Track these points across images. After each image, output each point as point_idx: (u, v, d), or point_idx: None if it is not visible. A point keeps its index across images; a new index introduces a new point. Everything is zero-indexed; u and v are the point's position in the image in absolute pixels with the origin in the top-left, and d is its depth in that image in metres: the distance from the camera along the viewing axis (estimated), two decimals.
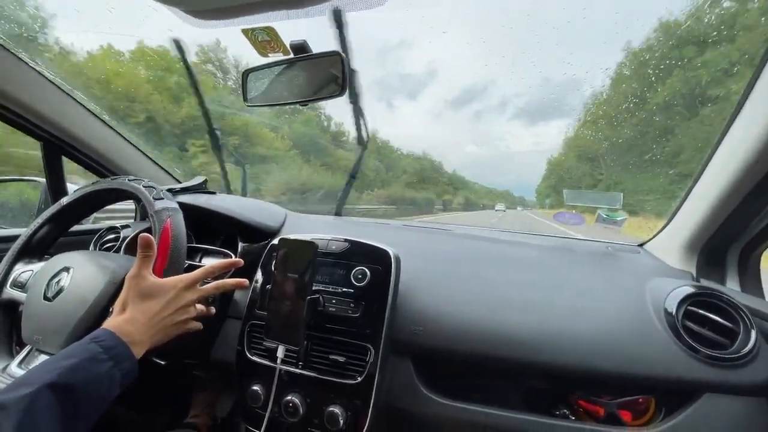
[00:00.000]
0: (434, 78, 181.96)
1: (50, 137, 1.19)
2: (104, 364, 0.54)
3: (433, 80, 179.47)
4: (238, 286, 0.77)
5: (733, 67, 2.09)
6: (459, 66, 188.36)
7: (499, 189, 30.55)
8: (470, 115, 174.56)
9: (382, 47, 42.63)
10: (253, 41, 0.77)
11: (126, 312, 0.63)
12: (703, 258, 0.95)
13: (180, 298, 0.68)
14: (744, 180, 0.75)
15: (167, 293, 0.67)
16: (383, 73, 50.38)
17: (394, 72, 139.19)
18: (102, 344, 0.56)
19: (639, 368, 0.75)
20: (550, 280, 0.95)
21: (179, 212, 0.81)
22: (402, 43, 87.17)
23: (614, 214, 1.18)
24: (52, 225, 0.93)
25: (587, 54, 12.06)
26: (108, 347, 0.56)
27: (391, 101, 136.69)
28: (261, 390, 0.81)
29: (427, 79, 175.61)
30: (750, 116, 0.71)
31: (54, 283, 0.78)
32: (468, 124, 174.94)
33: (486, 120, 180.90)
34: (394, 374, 0.83)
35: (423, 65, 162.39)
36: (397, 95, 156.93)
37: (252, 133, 11.32)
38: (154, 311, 0.65)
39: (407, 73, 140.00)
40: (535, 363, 0.78)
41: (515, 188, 60.05)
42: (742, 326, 0.75)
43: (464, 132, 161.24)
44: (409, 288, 0.89)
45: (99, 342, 0.56)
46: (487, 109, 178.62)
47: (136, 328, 0.61)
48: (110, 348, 0.56)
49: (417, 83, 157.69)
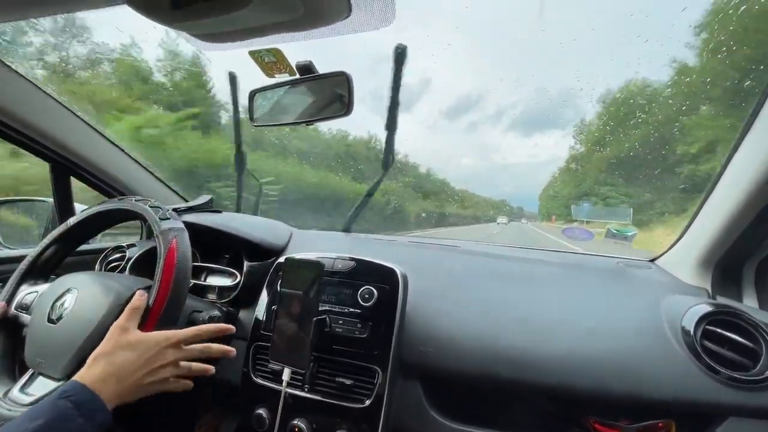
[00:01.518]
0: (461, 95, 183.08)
1: (59, 158, 1.21)
2: (74, 422, 0.52)
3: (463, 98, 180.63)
4: (225, 354, 0.75)
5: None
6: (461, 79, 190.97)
7: (494, 199, 30.53)
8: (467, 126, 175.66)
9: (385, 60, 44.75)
10: (260, 63, 0.78)
11: (99, 364, 0.61)
12: (718, 274, 0.93)
13: (160, 356, 0.66)
14: (759, 193, 0.73)
15: (148, 349, 0.65)
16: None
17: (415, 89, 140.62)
18: (72, 399, 0.53)
19: (656, 390, 0.72)
20: (560, 298, 0.93)
21: (185, 232, 0.81)
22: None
23: (624, 230, 1.16)
24: (59, 246, 0.93)
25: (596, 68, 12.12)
26: (78, 403, 0.54)
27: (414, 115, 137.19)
28: (266, 414, 0.79)
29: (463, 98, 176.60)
30: (764, 128, 0.70)
31: (58, 305, 0.77)
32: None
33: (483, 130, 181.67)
34: (402, 397, 0.80)
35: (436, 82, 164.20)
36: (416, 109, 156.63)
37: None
38: (130, 367, 0.62)
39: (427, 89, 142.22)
40: (546, 384, 0.76)
41: (512, 198, 60.26)
42: (764, 346, 0.72)
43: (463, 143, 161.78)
44: (416, 307, 0.87)
45: (69, 397, 0.54)
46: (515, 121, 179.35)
47: (107, 385, 0.59)
48: (81, 404, 0.54)
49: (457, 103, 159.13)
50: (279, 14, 0.53)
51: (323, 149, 7.96)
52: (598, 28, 16.40)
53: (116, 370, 0.61)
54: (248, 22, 0.54)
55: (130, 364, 0.62)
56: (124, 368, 0.62)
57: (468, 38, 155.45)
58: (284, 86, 0.84)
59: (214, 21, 0.51)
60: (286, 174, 5.73)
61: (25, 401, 0.68)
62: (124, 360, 0.62)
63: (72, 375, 0.69)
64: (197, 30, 0.57)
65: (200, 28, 0.56)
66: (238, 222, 1.09)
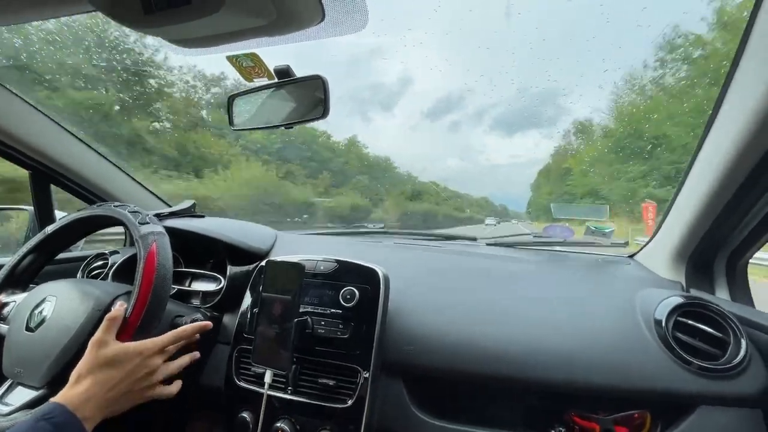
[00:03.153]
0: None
1: (38, 165, 1.19)
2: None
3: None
4: (202, 329, 0.77)
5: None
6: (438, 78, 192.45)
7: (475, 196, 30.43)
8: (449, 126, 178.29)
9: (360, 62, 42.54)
10: (238, 67, 0.78)
11: (82, 383, 0.60)
12: (691, 267, 0.96)
13: (144, 365, 0.66)
14: (722, 189, 0.76)
15: (130, 361, 0.64)
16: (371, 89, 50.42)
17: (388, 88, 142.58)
18: (53, 421, 0.53)
19: (632, 382, 0.74)
20: (541, 295, 0.95)
21: (165, 236, 0.81)
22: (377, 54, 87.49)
23: (602, 226, 1.19)
24: (37, 254, 0.92)
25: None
26: (59, 425, 0.53)
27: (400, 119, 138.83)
28: (249, 417, 0.79)
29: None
30: (724, 127, 0.73)
31: (36, 313, 0.77)
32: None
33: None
34: (385, 396, 0.81)
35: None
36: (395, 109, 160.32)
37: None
38: (114, 381, 0.62)
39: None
40: (527, 380, 0.77)
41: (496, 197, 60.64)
42: (732, 336, 0.75)
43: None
44: (399, 307, 0.88)
45: (49, 419, 0.53)
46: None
47: (91, 403, 0.58)
48: (61, 426, 0.53)
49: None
50: (252, 19, 0.53)
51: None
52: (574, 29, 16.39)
53: (100, 388, 0.60)
54: (221, 27, 0.55)
55: (113, 378, 0.62)
56: (107, 384, 0.61)
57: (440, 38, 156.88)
58: (263, 90, 0.85)
59: (187, 26, 0.51)
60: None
61: (3, 411, 0.66)
62: (107, 377, 0.61)
63: (51, 384, 0.68)
64: (171, 35, 0.58)
65: (174, 34, 0.57)
66: (221, 226, 1.09)
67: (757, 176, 0.71)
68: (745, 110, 0.65)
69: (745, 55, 0.66)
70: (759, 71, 0.62)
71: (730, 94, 0.71)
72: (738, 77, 0.68)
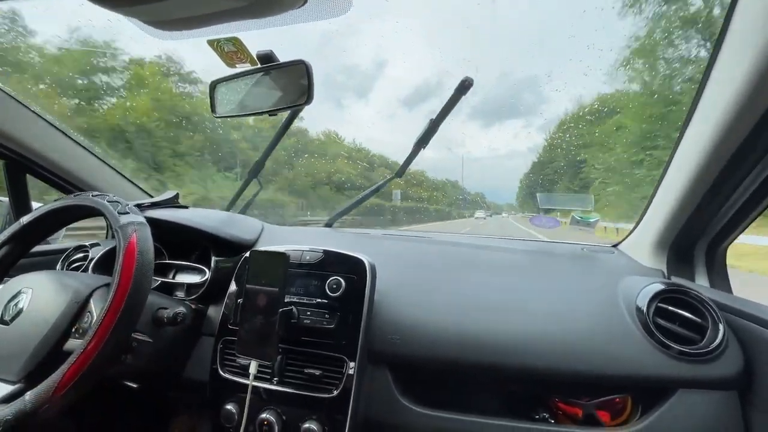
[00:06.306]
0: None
1: (12, 154, 1.15)
2: None
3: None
4: None
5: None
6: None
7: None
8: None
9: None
10: (220, 52, 0.76)
11: None
12: (672, 255, 0.98)
13: None
14: (701, 178, 0.77)
15: None
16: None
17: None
18: None
19: (614, 367, 0.75)
20: (526, 284, 0.96)
21: (146, 227, 0.79)
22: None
23: (587, 216, 1.20)
24: (12, 245, 0.88)
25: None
26: None
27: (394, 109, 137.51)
28: (235, 409, 0.78)
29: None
30: (703, 118, 0.74)
31: (12, 306, 0.74)
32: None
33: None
34: (371, 385, 0.81)
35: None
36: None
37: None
38: None
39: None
40: (512, 367, 0.78)
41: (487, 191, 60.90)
42: (710, 321, 0.76)
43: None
44: (385, 297, 0.88)
45: None
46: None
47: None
48: None
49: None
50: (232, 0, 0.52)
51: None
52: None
53: None
54: (200, 8, 0.53)
55: None
56: None
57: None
58: (245, 76, 0.83)
59: (163, 6, 0.50)
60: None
61: None
62: None
63: (28, 378, 0.66)
64: (148, 16, 0.55)
65: (150, 14, 0.55)
66: (205, 217, 1.07)
67: (735, 166, 0.72)
68: (723, 103, 0.66)
69: (725, 45, 0.67)
70: (736, 63, 0.63)
71: (708, 89, 0.72)
72: (717, 67, 0.69)
